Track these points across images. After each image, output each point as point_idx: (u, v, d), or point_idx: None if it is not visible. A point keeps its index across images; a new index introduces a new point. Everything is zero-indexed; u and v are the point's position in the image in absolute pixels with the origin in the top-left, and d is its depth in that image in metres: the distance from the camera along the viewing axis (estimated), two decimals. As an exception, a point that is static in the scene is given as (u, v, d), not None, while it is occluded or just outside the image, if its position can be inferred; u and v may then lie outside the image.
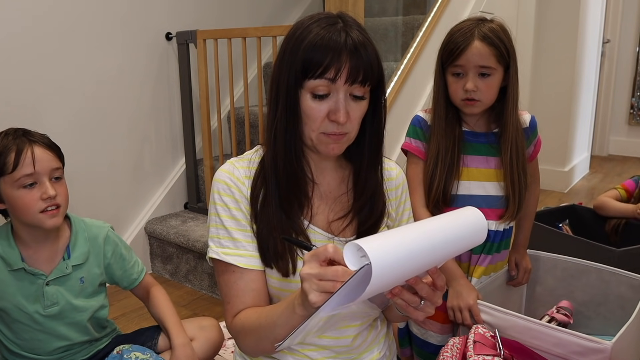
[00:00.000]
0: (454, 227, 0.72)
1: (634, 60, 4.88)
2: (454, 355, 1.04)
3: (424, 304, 0.73)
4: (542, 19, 3.49)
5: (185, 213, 2.59)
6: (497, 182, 1.28)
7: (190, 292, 2.28)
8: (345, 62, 0.79)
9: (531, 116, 1.35)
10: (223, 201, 0.89)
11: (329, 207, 0.93)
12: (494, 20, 1.25)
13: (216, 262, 0.90)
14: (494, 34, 1.19)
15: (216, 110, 2.49)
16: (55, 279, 1.24)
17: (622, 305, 1.33)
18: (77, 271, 1.27)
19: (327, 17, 0.82)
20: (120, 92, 2.32)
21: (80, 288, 1.28)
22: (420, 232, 0.67)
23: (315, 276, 0.66)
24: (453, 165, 1.25)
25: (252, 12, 2.90)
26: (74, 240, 1.28)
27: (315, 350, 0.93)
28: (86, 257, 1.29)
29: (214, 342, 1.41)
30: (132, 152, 2.42)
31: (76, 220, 1.31)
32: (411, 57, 2.33)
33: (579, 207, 2.17)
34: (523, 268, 1.41)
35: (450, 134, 1.26)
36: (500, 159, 1.27)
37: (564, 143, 3.68)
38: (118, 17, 2.26)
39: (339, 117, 0.81)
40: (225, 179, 0.89)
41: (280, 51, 0.85)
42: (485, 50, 1.18)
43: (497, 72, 1.21)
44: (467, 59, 1.19)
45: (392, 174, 1.00)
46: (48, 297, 1.23)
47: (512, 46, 1.22)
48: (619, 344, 1.02)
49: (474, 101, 1.22)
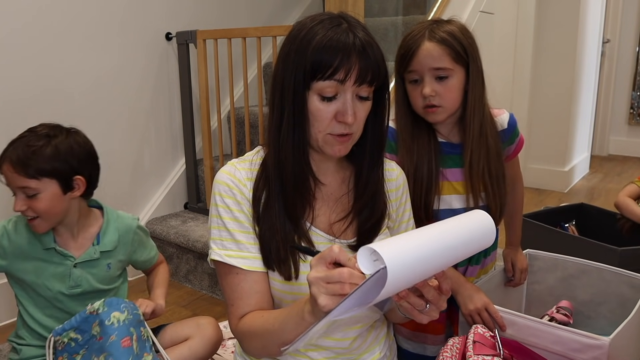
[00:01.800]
0: (465, 230, 0.72)
1: (634, 60, 4.88)
2: (454, 355, 1.04)
3: (429, 308, 0.72)
4: (542, 19, 3.49)
5: (185, 213, 2.59)
6: (480, 193, 1.21)
7: (190, 292, 2.27)
8: (354, 63, 0.79)
9: (509, 115, 1.28)
10: (225, 203, 0.88)
11: (330, 208, 0.93)
12: (451, 21, 1.17)
13: (219, 264, 0.89)
14: (447, 34, 1.12)
15: (216, 110, 2.49)
16: (83, 262, 1.31)
17: (622, 305, 1.33)
18: (105, 258, 1.34)
19: (331, 18, 0.82)
20: (120, 92, 2.32)
21: (105, 274, 1.35)
22: (432, 235, 0.67)
23: (323, 279, 0.66)
24: (432, 181, 1.18)
25: (252, 12, 2.90)
26: (105, 229, 1.36)
27: (316, 351, 0.93)
28: (115, 246, 1.36)
29: (212, 340, 1.41)
30: (132, 152, 2.42)
31: (109, 211, 1.40)
32: (411, 57, 2.32)
33: (586, 205, 2.15)
34: (519, 268, 1.40)
35: (424, 147, 1.18)
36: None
37: (564, 143, 3.68)
38: (118, 17, 2.26)
39: (347, 118, 0.81)
40: (227, 181, 0.89)
41: (282, 52, 0.84)
42: (436, 50, 1.10)
43: (455, 73, 1.12)
44: (419, 62, 1.12)
45: (393, 175, 1.00)
46: (74, 278, 1.30)
47: (470, 45, 1.14)
48: (617, 341, 1.02)
49: (435, 107, 1.14)
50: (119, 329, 1.22)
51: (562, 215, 2.12)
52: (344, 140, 0.84)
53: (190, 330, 1.39)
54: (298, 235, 0.88)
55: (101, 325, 1.22)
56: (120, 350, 1.20)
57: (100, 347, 1.22)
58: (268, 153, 0.89)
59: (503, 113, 1.28)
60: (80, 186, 1.27)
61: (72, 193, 1.26)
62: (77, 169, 1.25)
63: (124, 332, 1.22)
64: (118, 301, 1.26)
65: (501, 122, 1.26)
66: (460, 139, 1.22)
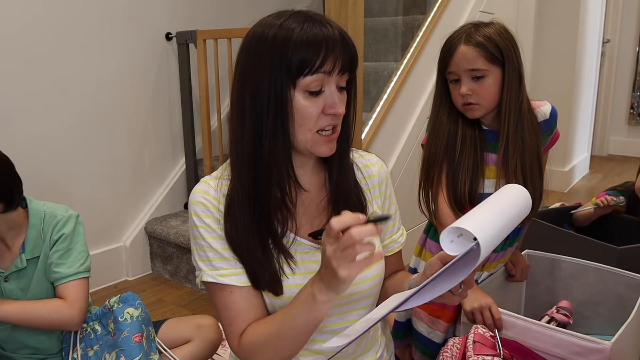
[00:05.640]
0: (517, 201, 0.77)
1: (634, 60, 4.87)
2: (454, 356, 1.04)
3: (462, 288, 0.73)
4: (542, 19, 3.49)
5: (185, 213, 2.59)
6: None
7: (190, 292, 2.28)
8: (339, 53, 0.78)
9: (551, 107, 1.32)
10: (204, 223, 0.84)
11: (312, 215, 0.90)
12: (491, 23, 1.22)
13: (210, 285, 0.85)
14: (483, 37, 1.18)
15: (216, 110, 2.49)
16: (12, 274, 1.23)
17: (620, 305, 1.33)
18: (33, 265, 1.23)
19: (295, 14, 0.80)
20: (120, 92, 2.33)
21: (39, 286, 1.24)
22: (499, 207, 0.72)
23: (338, 249, 0.65)
24: (477, 164, 1.24)
25: (252, 12, 2.90)
26: (29, 233, 1.24)
27: (310, 355, 0.91)
28: (40, 250, 1.24)
29: (212, 341, 1.42)
30: (132, 152, 2.42)
31: (34, 211, 1.26)
32: (411, 57, 2.33)
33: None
34: (520, 267, 1.42)
35: (469, 133, 1.25)
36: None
37: (564, 143, 3.68)
38: (118, 17, 2.26)
39: (337, 108, 0.79)
40: (202, 200, 0.85)
41: (250, 56, 0.79)
42: (470, 53, 1.18)
43: (490, 73, 1.19)
44: (456, 64, 1.20)
45: (373, 171, 0.96)
46: (6, 293, 1.22)
47: (507, 46, 1.19)
48: (618, 344, 1.02)
49: (472, 105, 1.21)
50: (131, 325, 1.23)
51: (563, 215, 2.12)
52: (333, 138, 0.83)
53: (191, 331, 1.39)
54: (278, 250, 0.84)
55: (115, 322, 1.25)
56: (132, 345, 1.21)
57: (113, 343, 1.23)
58: (237, 169, 0.83)
59: (545, 104, 1.31)
60: None
61: None
62: None
63: (136, 328, 1.24)
64: (134, 297, 1.27)
65: (543, 113, 1.30)
66: (499, 128, 1.27)
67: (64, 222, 1.25)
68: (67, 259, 1.23)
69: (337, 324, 0.91)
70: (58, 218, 1.24)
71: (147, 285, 2.35)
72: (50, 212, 1.26)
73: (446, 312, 1.33)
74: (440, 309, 1.34)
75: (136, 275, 2.45)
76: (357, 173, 0.94)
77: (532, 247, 1.49)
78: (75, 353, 1.27)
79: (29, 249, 1.23)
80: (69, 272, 1.22)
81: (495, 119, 1.27)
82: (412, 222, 2.20)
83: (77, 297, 1.21)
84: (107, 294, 1.39)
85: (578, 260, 1.40)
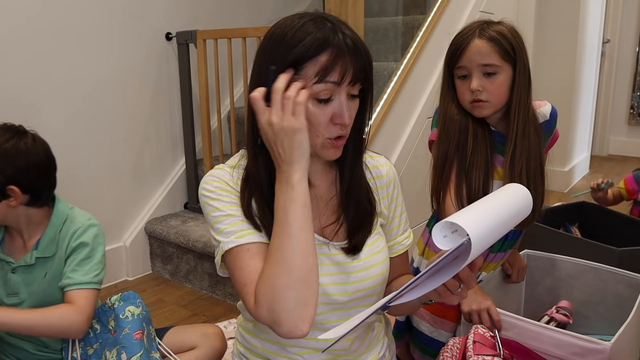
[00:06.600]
0: (516, 200, 0.76)
1: (634, 60, 4.87)
2: (454, 356, 1.04)
3: (462, 288, 0.73)
4: (542, 18, 3.50)
5: (185, 213, 2.60)
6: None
7: (191, 292, 2.28)
8: (350, 63, 0.77)
9: (551, 107, 1.30)
10: (217, 194, 0.85)
11: (320, 211, 0.91)
12: (501, 22, 1.21)
13: (229, 255, 0.83)
14: (497, 32, 1.17)
15: (216, 110, 2.49)
16: (19, 267, 1.24)
17: (620, 304, 1.33)
18: (42, 265, 1.24)
19: (314, 19, 0.79)
20: (120, 92, 2.33)
21: (43, 287, 1.24)
22: (496, 204, 0.72)
23: (280, 110, 0.75)
24: (488, 164, 1.22)
25: (252, 12, 2.90)
26: (46, 233, 1.24)
27: (312, 353, 0.91)
28: (53, 252, 1.24)
29: (217, 350, 1.43)
30: (132, 152, 2.42)
31: (58, 211, 1.26)
32: (411, 57, 2.33)
33: (588, 204, 2.14)
34: (517, 267, 1.41)
35: (479, 131, 1.22)
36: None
37: (564, 143, 3.68)
38: (118, 17, 2.26)
39: (345, 119, 0.79)
40: (215, 179, 0.87)
41: (265, 56, 0.81)
42: (485, 47, 1.16)
43: (503, 70, 1.17)
44: (468, 58, 1.17)
45: (381, 171, 0.97)
46: (10, 285, 1.24)
47: (518, 45, 1.18)
48: (618, 344, 1.02)
49: (482, 102, 1.18)
50: (132, 322, 1.24)
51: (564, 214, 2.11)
52: (340, 144, 0.83)
53: (197, 339, 1.39)
54: None
55: (116, 320, 1.25)
56: (133, 342, 1.22)
57: (113, 340, 1.24)
58: (252, 156, 0.85)
59: (545, 105, 1.30)
60: (16, 196, 1.16)
61: (8, 201, 1.16)
62: (10, 178, 1.14)
63: (137, 326, 1.24)
64: (134, 296, 1.28)
65: (544, 114, 1.29)
66: (505, 131, 1.25)
67: (83, 230, 1.25)
68: (84, 266, 1.23)
69: (340, 320, 0.90)
70: (77, 225, 1.25)
71: (147, 285, 2.35)
72: (72, 217, 1.26)
73: (451, 311, 1.32)
74: (444, 308, 1.34)
75: (136, 275, 2.45)
76: (367, 173, 0.95)
77: (532, 248, 1.49)
78: (74, 352, 1.27)
79: (41, 248, 1.24)
80: (83, 280, 1.21)
81: (502, 120, 1.25)
82: (412, 222, 2.20)
83: (87, 304, 1.20)
84: (107, 294, 1.40)
85: (578, 260, 1.41)
